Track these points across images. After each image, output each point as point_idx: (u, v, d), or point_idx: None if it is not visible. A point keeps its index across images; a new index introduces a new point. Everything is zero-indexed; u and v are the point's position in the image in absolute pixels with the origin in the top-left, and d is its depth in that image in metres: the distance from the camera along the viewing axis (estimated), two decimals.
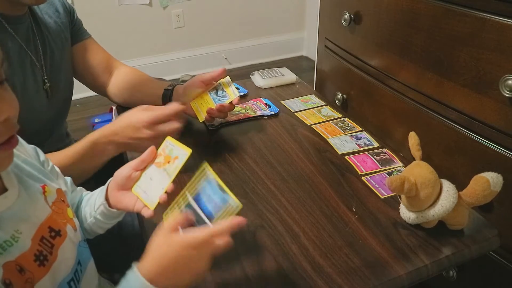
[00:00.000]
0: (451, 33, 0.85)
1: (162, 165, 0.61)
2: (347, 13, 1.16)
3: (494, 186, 0.65)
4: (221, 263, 0.64)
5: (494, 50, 0.77)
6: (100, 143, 0.82)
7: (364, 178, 0.82)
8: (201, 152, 0.91)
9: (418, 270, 0.63)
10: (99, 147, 0.82)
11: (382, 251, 0.65)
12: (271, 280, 0.61)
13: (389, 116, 1.10)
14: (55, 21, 0.95)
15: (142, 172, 0.63)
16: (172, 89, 1.01)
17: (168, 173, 0.60)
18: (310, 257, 0.65)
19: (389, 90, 1.08)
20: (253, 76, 1.24)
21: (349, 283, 0.60)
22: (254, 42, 3.12)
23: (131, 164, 0.63)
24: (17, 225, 0.51)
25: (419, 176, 0.66)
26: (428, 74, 0.93)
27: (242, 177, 0.83)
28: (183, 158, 0.59)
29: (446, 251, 0.65)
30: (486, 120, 0.82)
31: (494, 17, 0.76)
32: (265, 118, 1.04)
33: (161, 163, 0.61)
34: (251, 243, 0.68)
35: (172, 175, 0.59)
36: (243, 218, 0.52)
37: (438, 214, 0.65)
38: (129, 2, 2.67)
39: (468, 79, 0.84)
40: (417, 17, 0.93)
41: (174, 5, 2.78)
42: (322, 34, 1.39)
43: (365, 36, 1.14)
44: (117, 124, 0.83)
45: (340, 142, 0.93)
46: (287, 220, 0.72)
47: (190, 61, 2.97)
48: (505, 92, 0.75)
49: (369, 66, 1.15)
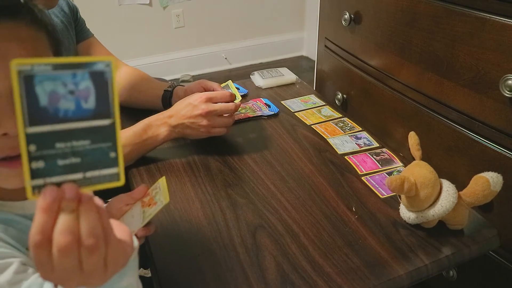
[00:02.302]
0: (451, 33, 0.85)
1: (145, 205, 0.60)
2: (347, 13, 1.16)
3: (494, 186, 0.65)
4: (221, 262, 0.64)
5: (494, 50, 0.77)
6: (154, 125, 0.85)
7: (364, 178, 0.82)
8: (201, 152, 0.91)
9: (418, 270, 0.63)
10: (152, 129, 0.84)
11: (382, 251, 0.65)
12: (271, 280, 0.61)
13: (389, 116, 1.10)
14: (61, 20, 0.95)
15: (131, 207, 0.62)
16: (172, 90, 1.01)
17: (143, 217, 0.58)
18: (310, 257, 0.65)
19: (389, 90, 1.08)
20: (253, 76, 1.24)
21: (349, 283, 0.60)
22: (254, 42, 3.12)
23: (123, 198, 0.62)
24: None
25: (419, 176, 0.66)
26: (428, 74, 0.93)
27: (242, 177, 0.83)
28: (159, 206, 0.57)
29: (446, 251, 0.65)
30: (486, 120, 0.82)
31: (494, 17, 0.76)
32: (265, 118, 1.04)
33: (145, 203, 0.60)
34: (251, 243, 0.68)
35: (144, 221, 0.57)
36: None
37: (438, 214, 0.65)
38: (129, 2, 2.67)
39: (468, 79, 0.84)
40: (417, 17, 0.93)
41: (174, 5, 2.78)
42: (322, 34, 1.39)
43: (365, 36, 1.14)
44: (174, 108, 0.87)
45: (340, 142, 0.93)
46: (287, 220, 0.72)
47: (190, 61, 2.97)
48: (505, 92, 0.75)
49: (369, 66, 1.15)
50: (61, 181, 0.34)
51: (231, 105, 0.86)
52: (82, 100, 0.34)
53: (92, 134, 0.35)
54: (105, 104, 0.35)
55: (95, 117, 0.35)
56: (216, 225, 0.71)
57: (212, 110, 0.84)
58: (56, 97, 0.33)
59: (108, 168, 0.36)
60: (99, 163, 0.36)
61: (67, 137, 0.34)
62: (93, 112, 0.35)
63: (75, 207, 0.34)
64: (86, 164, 0.35)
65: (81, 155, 0.35)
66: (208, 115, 0.84)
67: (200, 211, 0.75)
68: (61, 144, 0.34)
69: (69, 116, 0.34)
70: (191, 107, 0.84)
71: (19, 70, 0.32)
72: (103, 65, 0.34)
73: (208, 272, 0.63)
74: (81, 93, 0.34)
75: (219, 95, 0.86)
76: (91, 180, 0.36)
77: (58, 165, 0.34)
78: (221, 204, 0.76)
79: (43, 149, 0.33)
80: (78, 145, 0.35)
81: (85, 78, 0.34)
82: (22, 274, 0.46)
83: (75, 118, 0.34)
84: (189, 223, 0.72)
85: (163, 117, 0.86)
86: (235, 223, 0.72)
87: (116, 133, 0.36)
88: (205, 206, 0.76)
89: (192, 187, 0.81)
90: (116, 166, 0.36)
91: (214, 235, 0.69)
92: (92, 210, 0.34)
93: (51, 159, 0.34)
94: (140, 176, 0.84)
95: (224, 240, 0.68)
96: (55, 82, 0.33)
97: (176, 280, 0.62)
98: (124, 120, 1.00)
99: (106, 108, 0.35)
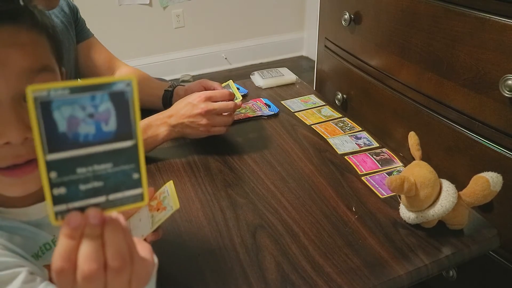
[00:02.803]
0: (451, 33, 0.85)
1: (153, 209, 0.59)
2: (347, 13, 1.16)
3: (494, 186, 0.65)
4: (221, 262, 0.64)
5: (494, 50, 0.77)
6: (154, 125, 0.85)
7: (364, 178, 0.82)
8: (201, 152, 0.91)
9: (418, 270, 0.63)
10: (152, 129, 0.85)
11: (382, 251, 0.65)
12: (271, 280, 0.61)
13: (389, 116, 1.10)
14: (61, 21, 0.95)
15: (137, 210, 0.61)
16: (173, 90, 1.01)
17: (152, 222, 0.57)
18: (310, 257, 0.65)
19: (389, 90, 1.08)
20: (253, 76, 1.24)
21: (349, 283, 0.60)
22: (254, 42, 3.12)
23: None
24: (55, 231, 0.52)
25: (418, 176, 0.66)
26: (428, 74, 0.93)
27: (242, 177, 0.83)
28: (168, 212, 0.56)
29: (446, 251, 0.65)
30: (486, 120, 0.82)
31: (494, 17, 0.76)
32: (265, 118, 1.04)
33: (153, 207, 0.59)
34: (251, 243, 0.68)
35: (154, 226, 0.56)
36: None
37: (438, 214, 0.65)
38: (129, 2, 2.67)
39: (468, 79, 0.84)
40: (417, 17, 0.93)
41: (174, 5, 2.78)
42: (322, 34, 1.39)
43: (365, 36, 1.14)
44: (173, 107, 0.87)
45: (340, 142, 0.93)
46: (287, 220, 0.72)
47: (190, 61, 2.97)
48: (505, 92, 0.75)
49: (369, 66, 1.15)
50: (84, 206, 0.33)
51: (230, 104, 0.86)
52: (103, 123, 0.33)
53: (114, 156, 0.34)
54: (126, 125, 0.33)
55: (117, 139, 0.33)
56: (216, 225, 0.71)
57: (211, 109, 0.84)
58: (75, 121, 0.32)
59: (131, 190, 0.35)
60: (122, 185, 0.34)
61: (88, 161, 0.33)
62: (115, 134, 0.33)
63: (99, 232, 0.33)
64: (109, 187, 0.34)
65: (103, 178, 0.34)
66: (207, 114, 0.84)
67: (200, 211, 0.75)
68: (83, 169, 0.33)
69: (89, 140, 0.33)
70: (190, 106, 0.84)
71: (36, 96, 0.30)
72: (124, 85, 0.33)
73: (208, 272, 0.63)
74: (101, 116, 0.33)
75: (219, 94, 0.87)
76: (114, 203, 0.35)
77: (80, 190, 0.33)
78: (221, 204, 0.76)
79: (64, 175, 0.32)
80: (100, 169, 0.33)
81: (105, 99, 0.32)
82: (30, 283, 0.45)
83: (96, 142, 0.33)
84: (189, 223, 0.72)
85: (162, 117, 0.86)
86: (235, 223, 0.72)
87: (138, 154, 0.34)
88: (205, 206, 0.76)
89: (192, 187, 0.81)
90: (139, 187, 0.35)
91: (214, 235, 0.69)
92: (117, 232, 0.34)
93: (73, 184, 0.33)
94: None
95: (224, 240, 0.68)
96: (73, 106, 0.31)
97: (176, 280, 0.62)
98: None
99: (128, 129, 0.34)
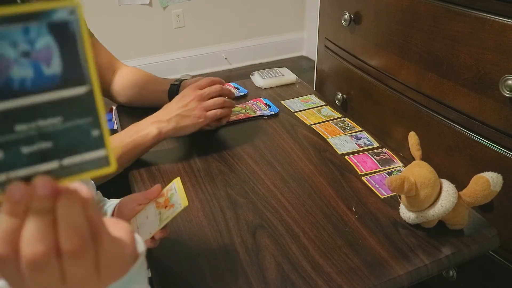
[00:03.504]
0: (451, 33, 0.85)
1: (161, 206, 0.58)
2: (347, 13, 1.16)
3: (494, 186, 0.65)
4: (221, 262, 0.64)
5: (494, 50, 0.77)
6: (140, 124, 0.86)
7: (364, 178, 0.82)
8: (201, 152, 0.91)
9: (418, 270, 0.63)
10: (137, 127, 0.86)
11: (381, 251, 0.65)
12: (271, 280, 0.61)
13: (389, 116, 1.10)
14: None
15: (144, 207, 0.61)
16: (179, 84, 1.01)
17: (160, 219, 0.56)
18: (310, 257, 0.65)
19: (389, 90, 1.08)
20: (253, 76, 1.25)
21: (349, 283, 0.60)
22: (254, 42, 3.12)
23: (136, 197, 0.61)
24: None
25: (419, 176, 0.66)
26: (428, 74, 0.93)
27: (242, 177, 0.83)
28: (177, 209, 0.55)
29: (446, 251, 0.65)
30: (486, 120, 0.82)
31: (494, 17, 0.76)
32: (265, 118, 1.04)
33: (160, 204, 0.58)
34: (251, 243, 0.68)
35: (162, 223, 0.55)
36: None
37: (438, 214, 0.65)
38: (129, 2, 2.67)
39: (468, 79, 0.84)
40: (417, 17, 0.93)
41: (174, 5, 2.78)
42: (322, 34, 1.39)
43: (365, 36, 1.14)
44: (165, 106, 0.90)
45: (340, 142, 0.93)
46: (287, 220, 0.72)
47: (190, 61, 2.97)
48: (505, 92, 0.75)
49: (369, 66, 1.15)
50: (30, 174, 0.26)
51: (217, 86, 0.90)
52: (43, 64, 0.26)
53: (63, 108, 0.27)
54: (75, 66, 0.26)
55: (64, 85, 0.26)
56: (216, 225, 0.71)
57: (201, 93, 0.88)
58: (5, 63, 0.25)
59: (91, 151, 0.28)
60: (78, 145, 0.27)
61: (30, 115, 0.26)
62: (61, 78, 0.26)
63: (50, 207, 0.26)
64: (61, 149, 0.27)
65: (52, 137, 0.27)
66: (199, 98, 0.88)
67: (200, 211, 0.75)
68: (23, 126, 0.26)
69: (27, 87, 0.25)
70: (181, 97, 0.89)
71: None
72: (66, 13, 0.25)
73: (208, 272, 0.63)
74: (40, 54, 0.25)
75: (204, 82, 0.91)
76: (70, 169, 0.28)
77: (23, 154, 0.26)
78: (221, 204, 0.76)
79: (0, 134, 0.25)
80: (46, 125, 0.26)
81: (43, 32, 0.25)
82: None
83: (37, 89, 0.26)
84: (189, 223, 0.72)
85: (151, 117, 0.88)
86: (235, 223, 0.72)
87: (96, 104, 0.27)
88: (205, 206, 0.76)
89: (192, 187, 0.81)
90: (102, 147, 0.28)
91: (214, 235, 0.69)
92: (74, 205, 0.26)
93: (13, 146, 0.26)
94: (141, 177, 0.84)
95: (224, 240, 0.68)
96: (2, 42, 0.24)
97: (176, 280, 0.62)
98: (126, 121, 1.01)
99: (78, 71, 0.26)
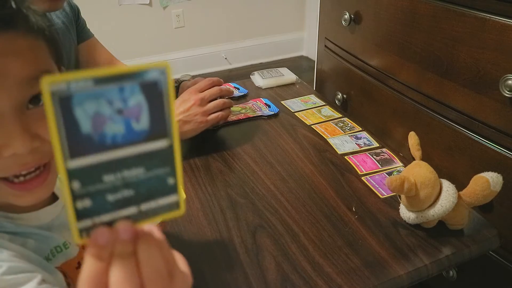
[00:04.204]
0: (451, 33, 0.85)
1: None
2: (347, 13, 1.16)
3: (494, 186, 0.65)
4: (221, 262, 0.64)
5: (494, 50, 0.77)
6: None
7: (364, 178, 0.82)
8: (201, 152, 0.91)
9: (418, 270, 0.63)
10: None
11: (382, 251, 0.65)
12: (271, 280, 0.61)
13: (389, 116, 1.10)
14: (62, 21, 0.95)
15: None
16: (178, 85, 1.01)
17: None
18: (310, 257, 0.65)
19: (389, 90, 1.08)
20: (253, 76, 1.24)
21: (349, 283, 0.60)
22: (254, 42, 3.12)
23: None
24: (64, 234, 0.51)
25: (419, 176, 0.66)
26: (428, 74, 0.93)
27: (242, 177, 0.83)
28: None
29: (446, 251, 0.65)
30: (486, 120, 0.82)
31: (494, 17, 0.76)
32: (265, 118, 1.04)
33: None
34: (251, 243, 0.68)
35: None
36: None
37: (438, 214, 0.65)
38: (129, 2, 2.67)
39: (468, 79, 0.84)
40: (417, 17, 0.93)
41: (174, 5, 2.78)
42: (322, 34, 1.39)
43: (365, 36, 1.14)
44: None
45: (340, 142, 0.93)
46: (287, 220, 0.72)
47: (190, 61, 2.97)
48: (505, 92, 0.75)
49: (369, 66, 1.15)
50: (112, 219, 0.28)
51: (217, 88, 0.91)
52: (133, 120, 0.27)
53: (146, 160, 0.28)
54: (160, 121, 0.28)
55: (149, 139, 0.28)
56: (216, 225, 0.71)
57: (202, 97, 0.88)
58: (101, 119, 0.26)
59: (165, 197, 0.30)
60: (155, 192, 0.29)
61: (117, 167, 0.27)
62: (147, 133, 0.27)
63: (132, 250, 0.28)
64: (141, 196, 0.29)
65: (134, 186, 0.28)
66: (201, 102, 0.88)
67: (200, 211, 0.75)
68: (110, 177, 0.27)
69: (118, 141, 0.27)
70: (181, 102, 0.88)
71: (53, 91, 0.24)
72: (157, 73, 0.27)
73: (208, 272, 0.63)
74: (132, 112, 0.27)
75: (203, 83, 0.91)
76: (147, 214, 0.29)
77: (107, 201, 0.28)
78: (221, 204, 0.76)
79: (89, 184, 0.27)
80: (130, 175, 0.28)
81: (136, 91, 0.26)
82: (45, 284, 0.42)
83: (126, 143, 0.27)
84: (189, 223, 0.72)
85: None
86: (235, 223, 0.72)
87: (174, 156, 0.29)
88: (205, 206, 0.76)
89: (192, 187, 0.81)
90: (175, 193, 0.30)
91: (214, 235, 0.69)
92: (153, 248, 0.28)
93: (99, 195, 0.27)
94: None
95: (224, 240, 0.68)
96: (99, 101, 0.26)
97: None
98: None
99: (162, 127, 0.28)
